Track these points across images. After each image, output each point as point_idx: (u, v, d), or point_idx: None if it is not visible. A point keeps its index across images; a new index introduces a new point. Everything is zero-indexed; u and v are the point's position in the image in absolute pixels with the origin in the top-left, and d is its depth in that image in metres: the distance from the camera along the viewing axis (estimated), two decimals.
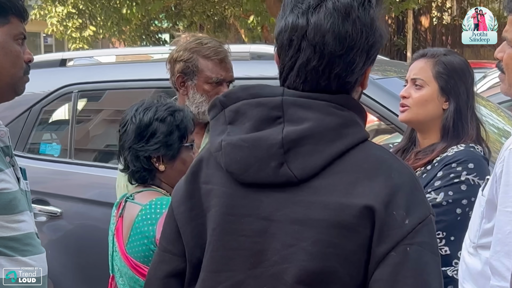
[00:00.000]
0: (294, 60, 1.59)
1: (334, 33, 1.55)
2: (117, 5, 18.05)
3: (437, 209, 2.57)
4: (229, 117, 1.64)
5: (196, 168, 1.71)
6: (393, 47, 24.57)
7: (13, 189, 2.16)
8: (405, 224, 1.51)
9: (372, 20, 1.59)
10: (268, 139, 1.56)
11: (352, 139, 1.57)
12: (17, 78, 2.25)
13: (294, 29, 1.58)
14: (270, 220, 1.58)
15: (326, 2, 1.56)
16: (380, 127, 7.21)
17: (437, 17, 25.18)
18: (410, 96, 2.80)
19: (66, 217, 4.26)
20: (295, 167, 1.55)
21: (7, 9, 2.20)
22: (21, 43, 2.26)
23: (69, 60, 4.94)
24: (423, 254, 1.52)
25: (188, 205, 1.70)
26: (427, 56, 2.82)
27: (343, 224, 1.52)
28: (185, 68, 3.07)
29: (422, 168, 2.74)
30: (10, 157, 2.25)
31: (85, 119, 5.08)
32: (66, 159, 4.44)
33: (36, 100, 4.45)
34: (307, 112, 1.56)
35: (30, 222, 2.24)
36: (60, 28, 19.53)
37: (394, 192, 1.53)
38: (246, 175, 1.59)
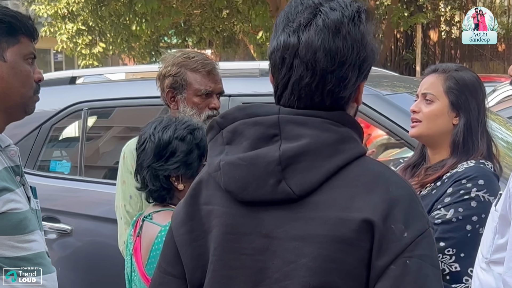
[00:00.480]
0: (288, 78, 1.61)
1: (325, 49, 1.57)
2: (126, 21, 18.15)
3: (447, 226, 2.56)
4: (227, 137, 1.65)
5: (196, 190, 1.72)
6: (402, 61, 24.58)
7: (23, 209, 2.16)
8: (403, 237, 1.52)
9: (363, 35, 1.60)
10: (265, 156, 1.57)
11: (349, 155, 1.58)
12: (27, 97, 2.25)
13: (286, 47, 1.60)
14: (271, 238, 1.59)
15: (316, 20, 1.58)
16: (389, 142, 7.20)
17: (445, 31, 25.17)
18: (420, 110, 2.79)
19: (76, 234, 4.26)
20: (294, 183, 1.56)
21: (17, 29, 2.22)
22: (31, 62, 2.27)
23: (78, 77, 4.97)
24: (423, 267, 1.52)
25: (188, 227, 1.70)
26: (438, 71, 2.82)
27: (343, 239, 1.52)
28: (173, 83, 3.10)
29: (432, 184, 2.73)
30: (20, 176, 2.25)
31: (95, 136, 5.10)
32: (76, 176, 4.45)
33: (46, 117, 4.47)
34: (304, 129, 1.58)
35: (40, 241, 2.24)
36: (70, 45, 19.64)
37: (392, 205, 1.53)
38: (245, 194, 1.60)
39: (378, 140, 7.40)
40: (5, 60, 2.19)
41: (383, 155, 7.19)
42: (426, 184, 2.74)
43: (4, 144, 2.21)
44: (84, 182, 4.41)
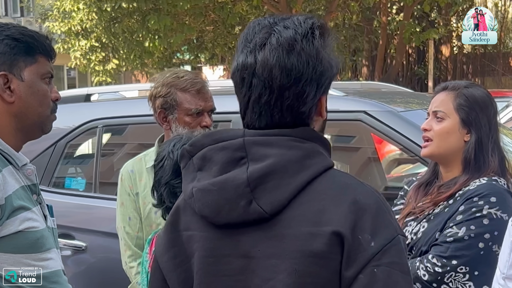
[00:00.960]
0: (248, 97, 1.65)
1: (280, 66, 1.60)
2: (139, 38, 18.23)
3: (459, 244, 2.56)
4: (197, 164, 1.69)
5: (175, 217, 1.75)
6: (413, 76, 24.56)
7: (40, 228, 2.17)
8: (370, 247, 1.54)
9: (318, 50, 1.63)
10: (234, 179, 1.61)
11: (316, 169, 1.61)
12: (44, 116, 2.26)
13: (245, 67, 1.64)
14: (249, 258, 1.62)
15: (271, 39, 1.62)
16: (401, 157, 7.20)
17: (457, 46, 25.14)
18: (431, 128, 2.79)
19: (91, 251, 4.27)
20: (264, 202, 1.59)
21: (34, 49, 2.23)
22: (48, 81, 2.27)
23: (93, 95, 5.00)
24: (392, 274, 1.54)
25: (171, 254, 1.73)
26: (448, 88, 2.82)
27: (315, 253, 1.55)
28: (164, 103, 3.11)
29: (444, 202, 2.73)
30: (37, 195, 2.26)
31: (109, 153, 5.11)
32: (91, 193, 4.47)
33: (62, 135, 4.49)
34: (269, 149, 1.61)
35: (57, 259, 2.24)
36: (84, 62, 19.73)
37: (359, 216, 1.56)
38: (219, 217, 1.63)
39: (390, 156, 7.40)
40: (22, 79, 2.19)
41: (395, 170, 7.18)
42: (439, 202, 2.74)
43: (21, 163, 2.22)
44: (98, 198, 4.42)
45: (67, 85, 32.00)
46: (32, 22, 27.62)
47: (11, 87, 2.18)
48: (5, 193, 2.08)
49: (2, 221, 2.06)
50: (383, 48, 20.59)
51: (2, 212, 2.06)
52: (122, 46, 18.87)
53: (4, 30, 2.21)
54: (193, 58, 22.16)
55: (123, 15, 17.69)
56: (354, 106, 3.97)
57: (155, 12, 16.95)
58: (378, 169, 5.33)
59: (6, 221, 2.07)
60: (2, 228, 2.07)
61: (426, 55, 23.44)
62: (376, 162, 5.38)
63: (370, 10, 21.28)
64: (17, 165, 2.20)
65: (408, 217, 2.80)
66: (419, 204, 2.80)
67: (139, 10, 17.33)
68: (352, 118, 3.96)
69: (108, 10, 17.20)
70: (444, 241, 2.59)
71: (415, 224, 2.75)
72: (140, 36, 18.18)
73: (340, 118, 4.09)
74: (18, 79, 2.19)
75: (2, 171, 2.11)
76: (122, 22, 17.88)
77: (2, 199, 2.06)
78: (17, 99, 2.19)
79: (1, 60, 2.17)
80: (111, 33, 18.37)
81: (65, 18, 19.15)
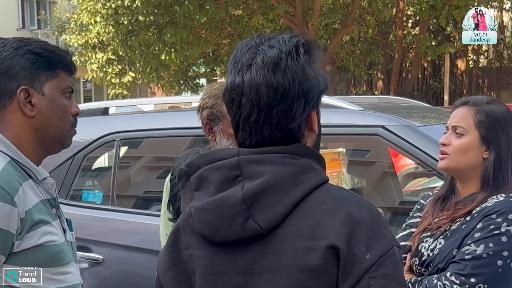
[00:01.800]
0: (238, 116, 1.69)
1: (266, 85, 1.64)
2: (156, 51, 18.29)
3: (478, 262, 2.55)
4: (194, 184, 1.72)
5: (175, 236, 1.78)
6: (429, 90, 24.49)
7: (59, 241, 2.17)
8: (365, 259, 1.56)
9: (303, 67, 1.66)
10: (230, 198, 1.64)
11: (310, 184, 1.64)
12: (64, 131, 2.28)
13: (233, 88, 1.69)
14: (249, 274, 1.65)
15: (256, 59, 1.66)
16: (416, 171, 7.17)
17: (473, 60, 25.07)
18: (450, 143, 2.77)
19: (108, 264, 4.28)
20: (260, 219, 1.62)
21: (55, 63, 2.24)
22: (69, 96, 2.29)
23: (111, 108, 5.02)
24: (388, 285, 1.57)
25: (172, 273, 1.76)
26: (469, 104, 2.79)
27: (311, 267, 1.58)
28: (210, 115, 3.13)
29: (461, 219, 2.71)
30: (56, 209, 2.27)
31: (126, 166, 5.13)
32: (108, 206, 4.48)
33: (80, 148, 4.51)
34: (263, 166, 1.64)
35: (76, 273, 2.25)
36: (100, 74, 19.81)
37: (354, 229, 1.59)
38: (217, 235, 1.66)
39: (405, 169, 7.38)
40: (43, 94, 2.21)
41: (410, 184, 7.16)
42: (456, 218, 2.72)
43: (41, 176, 2.23)
44: (116, 211, 4.44)
45: (83, 98, 32.17)
46: (49, 34, 27.77)
47: (32, 101, 2.20)
48: (25, 207, 2.09)
49: (22, 235, 2.08)
50: (398, 62, 20.56)
51: (22, 225, 2.07)
52: (138, 59, 18.93)
53: (26, 44, 2.22)
54: (209, 71, 22.21)
55: (139, 28, 17.76)
56: (372, 120, 3.96)
57: (172, 26, 17.02)
58: (395, 183, 5.32)
59: (26, 234, 2.08)
60: (21, 242, 2.08)
61: (442, 69, 23.41)
62: (393, 176, 5.37)
63: (386, 24, 21.27)
64: (37, 179, 2.21)
65: (424, 233, 2.79)
66: (435, 220, 2.79)
67: (155, 23, 17.41)
68: (369, 133, 3.96)
69: (125, 23, 17.28)
70: (462, 259, 2.57)
71: (432, 240, 2.74)
72: (156, 49, 18.24)
73: (358, 133, 4.10)
74: (39, 93, 2.20)
75: (22, 185, 2.12)
76: (139, 35, 17.96)
77: (22, 212, 2.07)
78: (38, 113, 2.21)
79: (22, 74, 2.19)
80: (128, 46, 18.44)
81: (82, 31, 19.25)
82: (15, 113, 2.20)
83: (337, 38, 18.50)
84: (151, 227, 4.01)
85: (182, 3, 16.42)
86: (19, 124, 2.20)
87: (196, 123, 4.48)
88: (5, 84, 2.18)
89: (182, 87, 21.98)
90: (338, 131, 4.03)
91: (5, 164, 2.12)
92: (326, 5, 18.44)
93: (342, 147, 4.40)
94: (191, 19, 16.74)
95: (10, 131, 2.20)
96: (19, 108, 2.19)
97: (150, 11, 16.74)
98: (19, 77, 2.18)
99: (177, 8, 16.75)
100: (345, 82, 25.42)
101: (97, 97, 32.61)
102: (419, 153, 3.66)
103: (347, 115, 4.10)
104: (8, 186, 2.06)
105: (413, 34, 21.32)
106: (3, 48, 2.21)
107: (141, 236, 4.31)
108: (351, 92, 24.04)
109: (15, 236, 2.06)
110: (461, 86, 24.74)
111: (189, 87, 22.12)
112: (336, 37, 18.49)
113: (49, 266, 2.13)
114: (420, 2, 18.02)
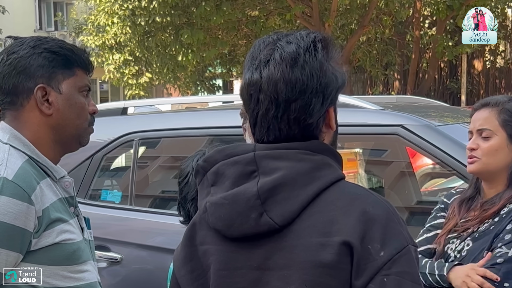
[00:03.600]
0: (256, 112, 1.69)
1: (284, 80, 1.64)
2: (173, 52, 18.34)
3: (510, 264, 2.53)
4: (211, 179, 1.72)
5: (191, 231, 1.78)
6: (446, 90, 24.40)
7: (77, 240, 2.18)
8: (380, 256, 1.56)
9: (321, 63, 1.66)
10: (245, 193, 1.64)
11: (325, 181, 1.63)
12: (82, 129, 2.28)
13: (251, 84, 1.69)
14: (262, 269, 1.64)
15: (274, 55, 1.67)
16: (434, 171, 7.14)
17: (490, 60, 24.96)
18: (478, 147, 2.74)
19: (126, 263, 4.29)
20: (275, 214, 1.61)
21: (72, 62, 2.25)
22: (86, 95, 2.29)
23: (130, 108, 5.03)
24: (402, 283, 1.56)
25: (188, 268, 1.75)
26: (490, 105, 2.77)
27: (325, 263, 1.57)
28: (242, 112, 3.16)
29: (489, 220, 2.69)
30: (74, 207, 2.27)
31: (145, 166, 5.14)
32: (126, 205, 4.48)
33: (98, 147, 4.51)
34: (279, 162, 1.64)
35: (93, 271, 2.25)
36: (117, 75, 19.89)
37: (368, 226, 1.58)
38: (232, 230, 1.66)
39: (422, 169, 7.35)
40: (60, 92, 2.21)
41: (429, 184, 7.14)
42: (484, 219, 2.70)
43: (59, 175, 2.23)
44: (134, 211, 4.44)
45: (100, 99, 32.31)
46: (66, 36, 27.93)
47: (49, 99, 2.20)
48: (42, 205, 2.09)
49: (39, 233, 2.08)
50: (415, 62, 20.50)
51: (39, 224, 2.08)
52: (155, 60, 18.99)
53: (43, 43, 2.23)
54: (225, 72, 22.25)
55: (156, 29, 17.82)
56: (391, 120, 3.95)
57: (188, 27, 17.06)
58: (413, 183, 5.30)
59: (43, 233, 2.09)
60: (39, 240, 2.09)
61: (459, 69, 23.31)
62: (411, 176, 5.35)
63: (403, 24, 21.22)
64: (55, 178, 2.22)
65: (450, 234, 2.77)
66: (462, 221, 2.77)
67: (172, 24, 17.46)
68: (389, 132, 3.94)
69: (142, 24, 17.35)
70: (495, 263, 2.55)
71: (459, 242, 2.71)
72: (173, 50, 18.29)
73: (377, 132, 4.08)
74: (56, 91, 2.21)
75: (40, 183, 2.13)
76: (156, 36, 18.01)
77: (39, 211, 2.08)
78: (55, 111, 2.21)
79: (40, 72, 2.19)
80: (145, 47, 18.51)
81: (99, 32, 19.34)
82: (32, 111, 2.20)
83: (354, 38, 18.47)
84: (169, 227, 4.02)
85: (199, 4, 16.46)
86: (37, 123, 2.21)
87: (213, 122, 4.50)
88: (23, 82, 2.19)
89: (198, 88, 22.04)
90: (357, 130, 4.01)
91: (23, 162, 2.13)
92: (343, 5, 18.41)
93: (359, 148, 4.39)
94: (207, 20, 16.78)
95: (28, 129, 2.20)
96: (36, 106, 2.20)
97: (167, 12, 16.79)
98: (37, 76, 2.19)
99: (194, 9, 16.80)
100: (362, 82, 25.38)
101: (113, 98, 32.71)
102: (438, 152, 3.64)
103: (366, 114, 4.09)
104: (25, 185, 2.07)
105: (430, 34, 21.25)
106: (20, 47, 2.21)
107: (160, 236, 4.31)
108: (367, 92, 24.00)
109: (32, 234, 2.07)
110: (478, 87, 24.65)
111: (206, 87, 22.18)
112: (353, 37, 18.46)
113: (66, 264, 2.14)
114: (437, 2, 17.97)
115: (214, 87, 23.00)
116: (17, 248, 2.05)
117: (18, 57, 2.19)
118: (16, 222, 2.03)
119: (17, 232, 2.04)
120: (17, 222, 2.03)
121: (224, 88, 25.32)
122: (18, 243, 2.05)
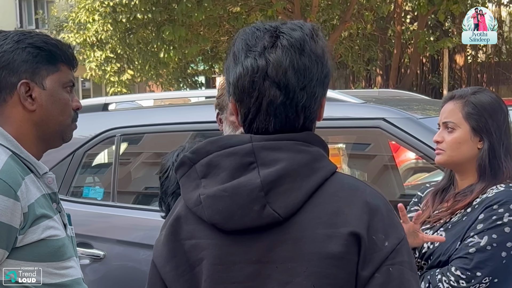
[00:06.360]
0: (260, 100, 1.64)
1: (294, 67, 1.62)
2: (154, 49, 18.31)
3: (482, 254, 2.54)
4: (201, 171, 1.68)
5: (175, 226, 1.72)
6: (428, 85, 24.50)
7: (61, 236, 2.17)
8: (384, 247, 1.58)
9: (323, 51, 1.67)
10: (247, 184, 1.61)
11: (325, 172, 1.63)
12: (65, 125, 2.26)
13: (255, 70, 1.63)
14: (262, 263, 1.62)
15: (280, 40, 1.63)
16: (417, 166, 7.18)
17: (471, 55, 25.08)
18: (443, 140, 2.77)
19: (109, 260, 4.27)
20: (278, 206, 1.60)
21: (57, 57, 2.23)
22: (70, 90, 2.27)
23: (111, 104, 5.01)
24: (404, 272, 1.59)
25: (173, 264, 1.71)
26: (455, 98, 2.79)
27: (333, 254, 1.57)
28: (218, 105, 3.17)
29: (462, 211, 2.71)
30: (57, 203, 2.26)
31: (126, 162, 5.12)
32: (109, 202, 4.47)
33: (80, 144, 4.48)
34: (278, 153, 1.62)
35: (77, 267, 2.25)
36: (99, 73, 19.83)
37: (371, 217, 1.60)
38: (231, 223, 1.63)
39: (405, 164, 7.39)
40: (44, 87, 2.19)
41: (411, 179, 7.17)
42: (456, 210, 2.72)
43: (42, 171, 2.22)
44: (116, 207, 4.43)
45: (82, 97, 32.18)
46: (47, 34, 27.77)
47: (32, 95, 2.19)
48: (28, 201, 2.08)
49: (25, 229, 2.07)
50: (397, 58, 20.57)
51: (25, 220, 2.07)
52: (137, 57, 18.95)
53: (27, 38, 2.21)
54: (207, 68, 22.23)
55: (138, 26, 17.77)
56: (373, 113, 3.95)
57: (170, 23, 17.04)
58: (396, 176, 5.32)
59: (29, 229, 2.08)
60: (24, 236, 2.08)
61: (441, 64, 23.39)
62: (394, 169, 5.37)
63: (384, 20, 21.28)
64: (38, 174, 2.20)
65: (423, 225, 2.78)
66: (435, 212, 2.79)
67: (154, 21, 17.42)
68: (371, 125, 3.95)
69: (123, 21, 17.29)
70: (467, 253, 2.57)
71: (431, 232, 2.72)
72: (155, 47, 18.25)
73: (359, 126, 4.09)
74: (39, 87, 2.19)
75: (25, 179, 2.11)
76: (137, 33, 17.97)
77: (25, 207, 2.07)
78: (39, 107, 2.20)
79: (23, 68, 2.17)
80: (126, 44, 18.47)
81: (80, 29, 19.27)
82: (15, 107, 2.19)
83: (336, 34, 18.51)
84: (152, 223, 4.00)
85: (180, 0, 16.44)
86: (20, 118, 2.19)
87: (196, 117, 4.49)
88: (6, 77, 2.17)
89: (181, 84, 22.00)
90: (339, 124, 4.01)
91: (7, 158, 2.11)
92: (324, 1, 18.45)
93: (341, 142, 4.40)
94: (189, 16, 16.76)
95: (11, 125, 2.19)
96: (19, 102, 2.18)
97: (148, 9, 16.76)
98: (20, 71, 2.17)
99: (175, 6, 16.77)
100: (344, 78, 25.44)
101: (96, 95, 32.59)
102: (420, 145, 3.65)
103: (347, 108, 4.09)
104: (11, 181, 2.06)
105: (412, 29, 21.32)
106: (4, 41, 2.19)
107: (142, 232, 4.30)
108: (349, 88, 24.04)
109: (18, 231, 2.05)
110: (460, 81, 24.76)
111: (188, 84, 22.14)
112: (335, 33, 18.50)
113: (51, 260, 2.13)
114: None
115: (197, 84, 22.97)
116: (3, 244, 2.04)
117: (1, 52, 2.17)
118: (2, 218, 2.02)
119: (3, 228, 2.02)
120: (3, 218, 2.02)
121: (206, 85, 25.28)
122: (4, 239, 2.04)
